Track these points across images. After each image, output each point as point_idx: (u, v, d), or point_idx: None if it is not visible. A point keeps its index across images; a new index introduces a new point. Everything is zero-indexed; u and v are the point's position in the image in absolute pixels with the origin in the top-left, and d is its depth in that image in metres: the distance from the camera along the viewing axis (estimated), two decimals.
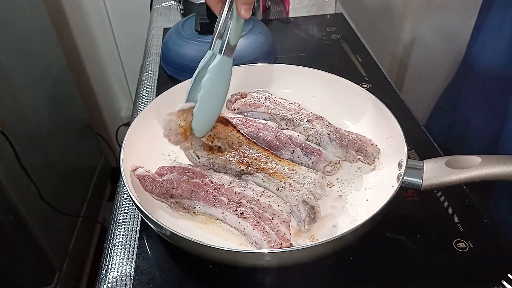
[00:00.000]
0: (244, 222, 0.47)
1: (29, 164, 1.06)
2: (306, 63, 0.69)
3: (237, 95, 0.67)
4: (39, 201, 1.13)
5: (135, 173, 0.52)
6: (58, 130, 1.33)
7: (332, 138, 0.58)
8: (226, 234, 0.49)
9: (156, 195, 0.52)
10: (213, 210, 0.49)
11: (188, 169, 0.53)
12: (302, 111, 0.63)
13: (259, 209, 0.48)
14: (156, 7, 1.14)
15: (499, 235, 0.50)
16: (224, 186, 0.51)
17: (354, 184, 0.55)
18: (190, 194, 0.51)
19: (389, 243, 0.50)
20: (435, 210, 0.54)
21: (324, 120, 0.61)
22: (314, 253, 0.43)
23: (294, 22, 1.00)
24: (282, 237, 0.46)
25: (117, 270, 0.49)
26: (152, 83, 0.82)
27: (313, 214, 0.49)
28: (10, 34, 1.09)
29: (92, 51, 1.52)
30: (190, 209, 0.51)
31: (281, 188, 0.51)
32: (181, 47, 0.77)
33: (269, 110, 0.63)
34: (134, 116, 0.72)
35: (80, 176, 1.52)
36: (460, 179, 0.45)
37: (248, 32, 0.78)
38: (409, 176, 0.48)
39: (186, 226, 0.50)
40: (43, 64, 1.27)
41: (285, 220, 0.47)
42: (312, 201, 0.49)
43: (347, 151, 0.58)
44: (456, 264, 0.47)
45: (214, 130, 0.55)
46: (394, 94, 0.75)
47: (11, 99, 1.08)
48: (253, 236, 0.46)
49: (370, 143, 0.59)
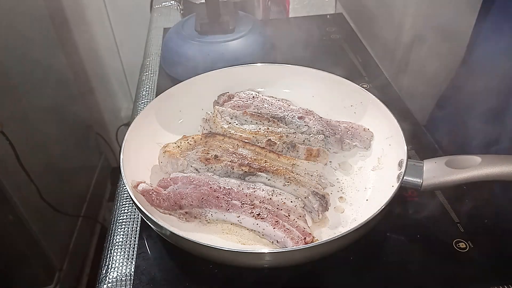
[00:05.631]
0: (262, 223, 0.47)
1: (29, 164, 1.06)
2: (306, 63, 0.69)
3: (225, 96, 0.66)
4: (39, 201, 1.13)
5: (138, 190, 0.50)
6: (58, 130, 1.33)
7: (325, 134, 0.59)
8: (226, 234, 0.49)
9: (164, 209, 0.50)
10: (227, 215, 0.49)
11: (192, 177, 0.52)
12: (291, 107, 0.64)
13: (274, 207, 0.48)
14: (156, 7, 1.14)
15: (499, 235, 0.50)
16: (234, 190, 0.50)
17: (354, 184, 0.55)
18: (201, 203, 0.49)
19: (389, 243, 0.50)
20: (435, 210, 0.53)
21: (314, 114, 0.62)
22: (314, 253, 0.43)
23: (294, 22, 1.00)
24: (303, 232, 0.46)
25: (117, 270, 0.49)
26: (152, 83, 0.82)
27: (325, 203, 0.49)
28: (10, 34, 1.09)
29: (92, 51, 1.52)
30: (201, 218, 0.50)
31: (287, 184, 0.51)
32: (181, 47, 0.77)
33: (259, 110, 0.63)
34: (134, 116, 0.72)
35: (80, 176, 1.52)
36: (460, 179, 0.45)
37: (248, 32, 0.78)
38: (409, 176, 0.48)
39: (186, 226, 0.50)
40: (43, 64, 1.27)
41: (301, 215, 0.48)
42: (321, 190, 0.50)
43: (342, 141, 0.59)
44: (456, 264, 0.47)
45: (206, 144, 0.56)
46: (394, 94, 0.75)
47: (11, 99, 1.08)
48: (274, 235, 0.46)
49: (362, 128, 0.60)
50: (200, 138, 0.57)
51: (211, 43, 0.76)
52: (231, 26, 0.77)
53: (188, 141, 0.57)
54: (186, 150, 0.56)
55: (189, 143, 0.57)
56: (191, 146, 0.57)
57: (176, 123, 0.63)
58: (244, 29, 0.78)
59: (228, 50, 0.75)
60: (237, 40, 0.76)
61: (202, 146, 0.56)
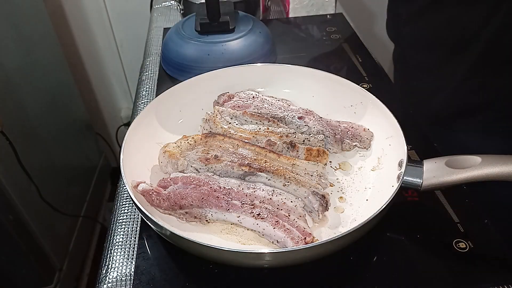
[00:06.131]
0: (262, 223, 0.47)
1: (29, 164, 1.06)
2: (306, 63, 0.69)
3: (225, 97, 0.66)
4: (39, 201, 1.13)
5: (138, 190, 0.50)
6: (58, 130, 1.34)
7: (325, 134, 0.59)
8: (226, 234, 0.49)
9: (164, 209, 0.50)
10: (227, 215, 0.49)
11: (192, 177, 0.52)
12: (291, 107, 0.64)
13: (274, 207, 0.48)
14: (156, 7, 1.14)
15: (499, 235, 0.50)
16: (234, 190, 0.50)
17: (354, 184, 0.55)
18: (201, 202, 0.49)
19: (389, 243, 0.50)
20: (435, 210, 0.53)
21: (314, 114, 0.62)
22: (314, 253, 0.43)
23: (294, 22, 1.00)
24: (303, 232, 0.46)
25: (117, 270, 0.49)
26: (152, 83, 0.82)
27: (325, 202, 0.50)
28: (10, 34, 1.09)
29: (92, 51, 1.52)
30: (202, 218, 0.50)
31: (287, 184, 0.51)
32: (181, 47, 0.77)
33: (259, 110, 0.63)
34: (134, 116, 0.72)
35: (80, 176, 1.52)
36: (460, 179, 0.45)
37: (248, 32, 0.78)
38: (409, 176, 0.48)
39: (186, 226, 0.50)
40: (43, 64, 1.27)
41: (301, 215, 0.48)
42: (321, 190, 0.50)
43: (342, 141, 0.59)
44: (456, 264, 0.47)
45: (206, 144, 0.56)
46: (394, 94, 0.75)
47: (11, 99, 1.08)
48: (274, 235, 0.46)
49: (362, 128, 0.60)
50: (200, 138, 0.57)
51: (211, 43, 0.76)
52: (231, 26, 0.77)
53: (188, 141, 0.57)
54: (186, 150, 0.56)
55: (189, 143, 0.57)
56: (191, 146, 0.57)
57: (176, 123, 0.63)
58: (244, 29, 0.78)
59: (228, 50, 0.75)
60: (237, 40, 0.76)
61: (202, 146, 0.56)
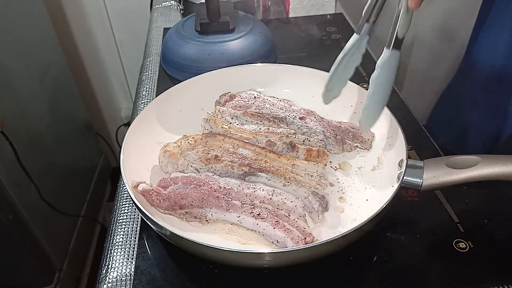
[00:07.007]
0: (262, 223, 0.47)
1: (29, 164, 1.06)
2: (306, 63, 0.69)
3: (226, 96, 0.66)
4: (39, 201, 1.13)
5: (138, 189, 0.50)
6: (58, 130, 1.33)
7: (326, 135, 0.59)
8: (226, 234, 0.49)
9: (164, 209, 0.50)
10: (227, 215, 0.49)
11: (192, 177, 0.52)
12: (292, 108, 0.64)
13: (274, 207, 0.48)
14: (156, 7, 1.14)
15: (499, 235, 0.50)
16: (234, 190, 0.50)
17: (354, 184, 0.55)
18: (201, 202, 0.50)
19: (389, 243, 0.50)
20: (435, 210, 0.54)
21: (315, 115, 0.62)
22: (314, 253, 0.43)
23: (294, 22, 1.00)
24: (303, 232, 0.46)
25: (117, 270, 0.49)
26: (152, 83, 0.82)
27: (325, 203, 0.50)
28: (10, 34, 1.09)
29: (92, 51, 1.52)
30: (202, 218, 0.50)
31: (287, 184, 0.51)
32: (181, 47, 0.77)
33: (261, 110, 0.63)
34: (134, 116, 0.72)
35: (80, 176, 1.52)
36: (460, 179, 0.45)
37: (248, 32, 0.78)
38: (409, 176, 0.48)
39: (186, 226, 0.50)
40: (43, 64, 1.27)
41: (301, 215, 0.48)
42: (321, 191, 0.50)
43: (343, 142, 0.59)
44: (456, 264, 0.47)
45: (206, 144, 0.56)
46: (394, 94, 0.75)
47: (11, 99, 1.08)
48: (274, 235, 0.46)
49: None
50: (200, 138, 0.57)
51: (211, 43, 0.76)
52: (231, 26, 0.77)
53: (188, 141, 0.57)
54: (186, 150, 0.56)
55: (189, 143, 0.57)
56: (191, 146, 0.57)
57: (176, 123, 0.63)
58: (244, 29, 0.78)
59: (228, 50, 0.75)
60: (237, 40, 0.76)
61: (203, 146, 0.56)
